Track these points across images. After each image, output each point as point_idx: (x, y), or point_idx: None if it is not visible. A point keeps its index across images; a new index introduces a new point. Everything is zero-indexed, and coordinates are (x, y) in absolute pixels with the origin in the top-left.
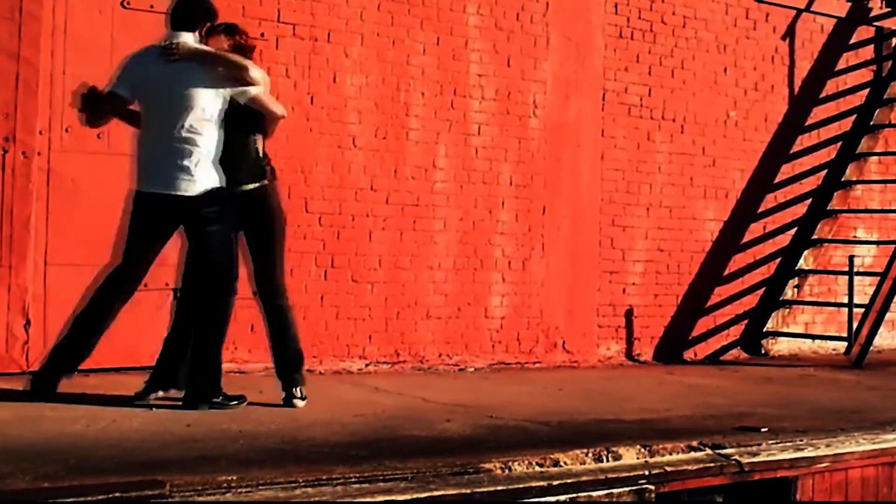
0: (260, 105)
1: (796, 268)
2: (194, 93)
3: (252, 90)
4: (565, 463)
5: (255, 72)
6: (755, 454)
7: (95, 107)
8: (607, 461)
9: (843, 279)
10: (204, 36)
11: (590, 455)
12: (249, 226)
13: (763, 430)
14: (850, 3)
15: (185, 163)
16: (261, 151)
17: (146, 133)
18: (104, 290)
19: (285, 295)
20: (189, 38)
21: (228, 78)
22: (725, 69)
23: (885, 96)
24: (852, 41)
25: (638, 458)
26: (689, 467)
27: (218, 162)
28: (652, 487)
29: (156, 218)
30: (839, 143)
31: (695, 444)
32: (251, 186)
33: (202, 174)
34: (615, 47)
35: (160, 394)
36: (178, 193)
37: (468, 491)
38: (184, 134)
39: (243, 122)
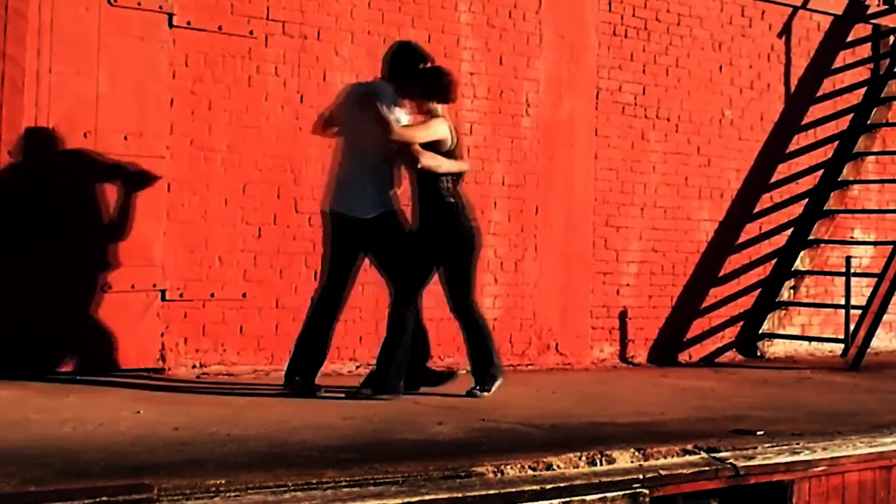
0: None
1: (792, 269)
2: (368, 133)
3: (404, 149)
4: (558, 466)
5: (408, 132)
6: (751, 458)
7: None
8: (601, 465)
9: (840, 280)
10: (404, 78)
11: (583, 458)
12: (440, 251)
13: (759, 433)
14: (846, 1)
15: (361, 189)
16: (447, 187)
17: (337, 157)
18: (313, 314)
19: (477, 309)
20: (383, 84)
21: (378, 134)
22: (721, 67)
23: (882, 95)
24: (849, 39)
25: (632, 462)
26: (684, 471)
27: (388, 190)
28: (646, 491)
29: (337, 236)
30: (836, 143)
31: (690, 447)
32: (435, 217)
33: (374, 200)
34: (609, 45)
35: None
36: (355, 215)
37: (460, 495)
38: (361, 164)
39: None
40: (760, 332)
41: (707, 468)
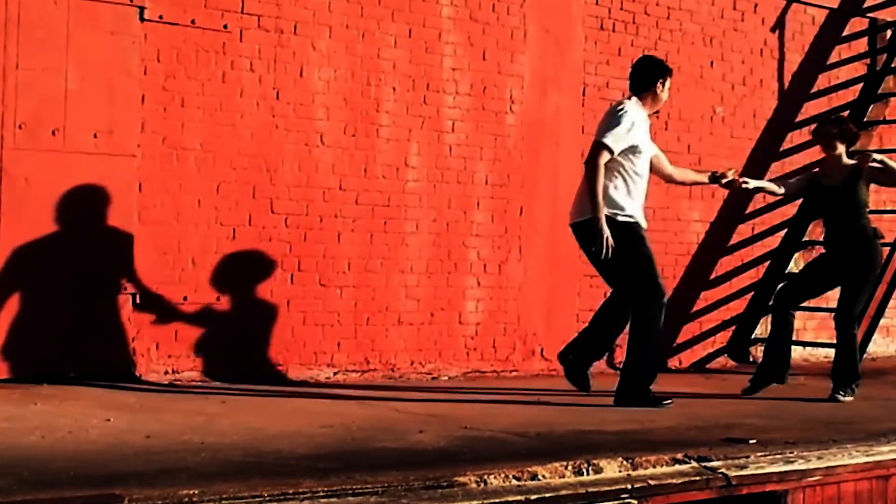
0: None
1: (786, 271)
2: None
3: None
4: (544, 476)
5: (608, 135)
6: (743, 467)
7: None
8: (588, 474)
9: None
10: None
11: (569, 468)
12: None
13: (751, 441)
14: None
15: (578, 198)
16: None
17: None
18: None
19: (856, 326)
20: (620, 105)
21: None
22: (712, 63)
23: (879, 91)
24: (845, 33)
25: (620, 472)
26: (674, 481)
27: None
28: (635, 502)
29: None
30: None
31: (679, 456)
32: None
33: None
34: (596, 40)
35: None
36: (572, 221)
37: None
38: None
39: None
40: (753, 336)
41: (698, 478)
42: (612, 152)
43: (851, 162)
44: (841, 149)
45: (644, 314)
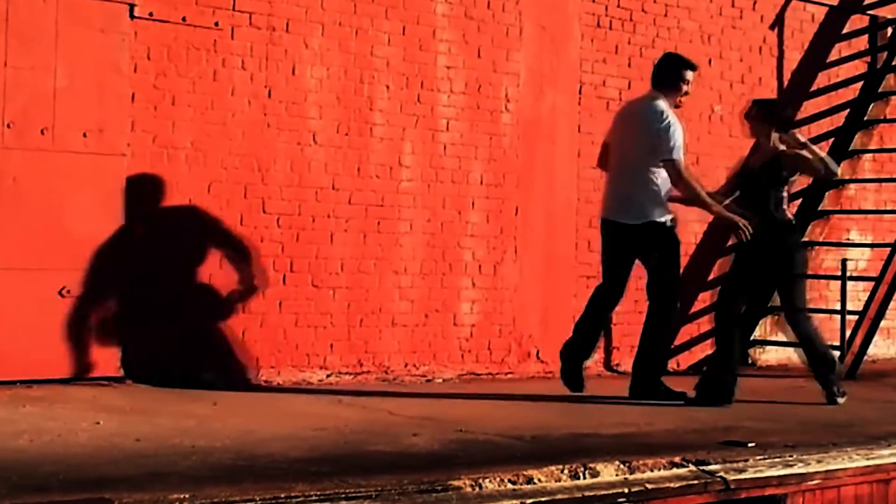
0: None
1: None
2: (636, 150)
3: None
4: (539, 480)
5: (673, 150)
6: (742, 471)
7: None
8: (584, 478)
9: (836, 284)
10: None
11: (565, 471)
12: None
13: (750, 444)
14: None
15: (628, 198)
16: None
17: (612, 170)
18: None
19: (807, 319)
20: (653, 104)
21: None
22: (710, 61)
23: (879, 89)
24: (845, 31)
25: (617, 475)
26: (672, 484)
27: (655, 202)
28: None
29: (608, 241)
30: (831, 140)
31: (677, 459)
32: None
33: (641, 209)
34: (592, 37)
35: None
36: (622, 222)
37: None
38: (630, 177)
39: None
40: (752, 338)
41: (696, 482)
42: (681, 161)
43: (779, 147)
44: (767, 132)
45: (673, 302)
